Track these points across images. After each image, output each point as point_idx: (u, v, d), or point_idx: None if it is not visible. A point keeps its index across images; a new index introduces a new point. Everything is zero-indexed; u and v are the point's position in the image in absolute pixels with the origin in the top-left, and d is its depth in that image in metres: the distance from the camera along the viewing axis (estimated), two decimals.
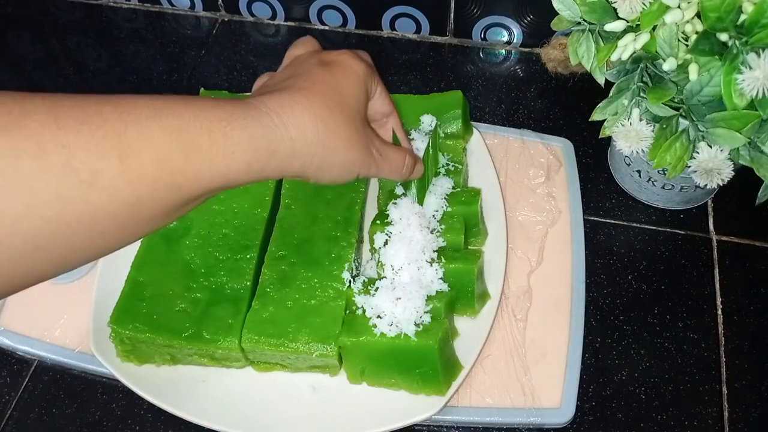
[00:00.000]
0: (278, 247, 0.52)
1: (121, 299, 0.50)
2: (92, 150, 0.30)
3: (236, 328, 0.48)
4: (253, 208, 0.54)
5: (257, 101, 0.37)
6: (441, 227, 0.52)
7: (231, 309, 0.49)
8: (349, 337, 0.47)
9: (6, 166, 0.28)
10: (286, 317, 0.48)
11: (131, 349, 0.50)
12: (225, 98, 0.39)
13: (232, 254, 0.52)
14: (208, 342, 0.48)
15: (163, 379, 0.50)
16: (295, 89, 0.39)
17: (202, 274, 0.51)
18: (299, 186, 0.55)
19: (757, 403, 0.50)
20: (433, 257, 0.50)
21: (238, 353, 0.48)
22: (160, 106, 0.33)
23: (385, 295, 0.48)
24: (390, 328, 0.46)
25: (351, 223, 0.53)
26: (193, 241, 0.52)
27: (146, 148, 0.31)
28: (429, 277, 0.49)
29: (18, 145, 0.28)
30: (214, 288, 0.50)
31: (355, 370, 0.49)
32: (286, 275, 0.50)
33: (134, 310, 0.49)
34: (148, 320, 0.48)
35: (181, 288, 0.50)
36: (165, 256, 0.52)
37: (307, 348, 0.47)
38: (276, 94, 0.38)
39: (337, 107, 0.40)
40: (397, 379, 0.48)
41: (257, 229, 0.53)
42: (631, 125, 0.48)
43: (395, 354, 0.47)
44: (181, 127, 0.33)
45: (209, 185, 0.34)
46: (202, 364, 0.50)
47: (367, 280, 0.50)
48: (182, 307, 0.49)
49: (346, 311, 0.48)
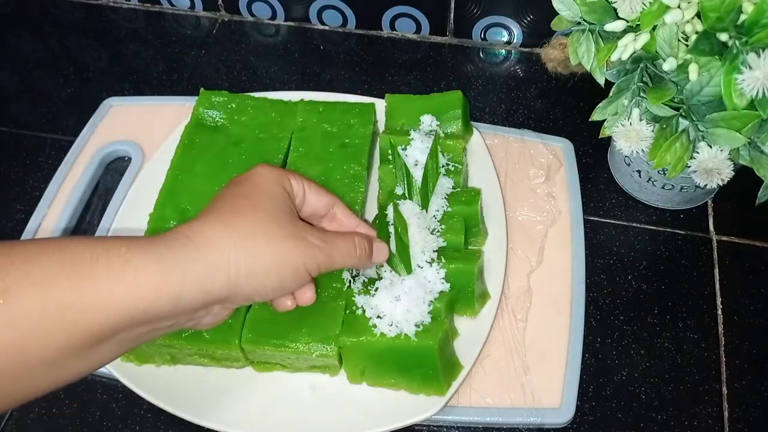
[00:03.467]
0: None
1: None
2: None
3: (236, 329, 0.48)
4: None
5: (164, 233, 0.35)
6: (441, 227, 0.52)
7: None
8: (349, 338, 0.47)
9: None
10: (286, 317, 0.47)
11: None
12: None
13: None
14: (209, 342, 0.48)
15: (163, 379, 0.50)
16: (201, 212, 0.38)
17: None
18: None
19: (757, 403, 0.50)
20: (433, 257, 0.50)
21: (238, 353, 0.48)
22: (54, 243, 0.31)
23: (385, 295, 0.47)
24: (390, 328, 0.46)
25: None
26: None
27: (31, 284, 0.29)
28: (429, 278, 0.49)
29: None
30: None
31: (355, 371, 0.48)
32: None
33: None
34: None
35: None
36: None
37: (307, 348, 0.47)
38: (184, 223, 0.37)
39: (248, 210, 0.38)
40: (397, 379, 0.48)
41: None
42: (631, 125, 0.48)
43: (395, 354, 0.46)
44: (74, 259, 0.31)
45: (115, 319, 0.31)
46: (202, 364, 0.50)
47: (367, 281, 0.50)
48: None
49: (346, 311, 0.48)
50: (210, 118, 0.59)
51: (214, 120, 0.59)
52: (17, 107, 0.71)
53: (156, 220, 0.54)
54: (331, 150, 0.57)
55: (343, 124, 0.59)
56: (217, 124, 0.59)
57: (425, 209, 0.52)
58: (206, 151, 0.57)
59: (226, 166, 0.56)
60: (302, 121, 0.59)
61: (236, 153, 0.57)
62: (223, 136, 0.58)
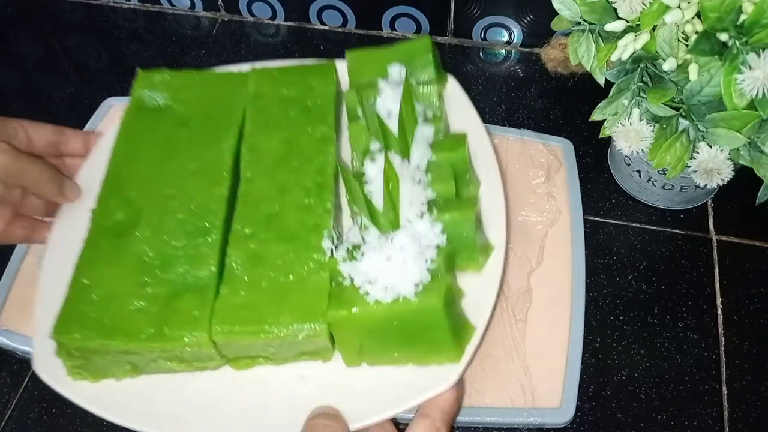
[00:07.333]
0: (243, 225, 0.46)
1: (64, 307, 0.44)
2: None
3: (204, 320, 0.42)
4: (210, 187, 0.48)
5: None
6: (428, 177, 0.47)
7: (196, 300, 0.43)
8: (338, 310, 0.41)
9: None
10: (261, 300, 0.42)
11: (83, 364, 0.44)
12: None
13: (190, 240, 0.46)
14: (173, 340, 0.42)
15: (127, 394, 0.44)
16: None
17: (157, 266, 0.45)
18: (260, 157, 0.50)
19: (757, 403, 0.50)
20: (423, 210, 0.45)
21: (210, 349, 0.42)
22: None
23: (374, 257, 0.42)
24: (385, 292, 0.41)
25: (324, 189, 0.47)
26: (143, 232, 0.47)
27: None
28: (422, 232, 0.43)
29: None
30: (172, 280, 0.44)
31: (351, 350, 0.43)
32: (256, 254, 0.45)
33: (80, 316, 0.43)
34: (98, 325, 0.42)
35: (134, 285, 0.44)
36: (112, 253, 0.46)
37: (291, 330, 0.41)
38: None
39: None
40: (401, 352, 0.42)
41: (216, 209, 0.47)
42: (631, 125, 0.48)
43: (396, 322, 0.41)
44: None
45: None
46: (171, 369, 0.44)
47: (351, 247, 0.44)
48: (138, 305, 0.43)
49: (331, 284, 0.43)
50: (152, 100, 0.54)
51: (156, 102, 0.54)
52: (17, 107, 0.71)
53: (100, 215, 0.48)
54: (291, 115, 0.52)
55: (302, 87, 0.53)
56: (161, 105, 0.54)
57: (407, 158, 0.47)
58: (150, 135, 0.52)
59: (175, 148, 0.51)
60: (256, 90, 0.54)
61: (185, 134, 0.52)
62: (169, 118, 0.53)
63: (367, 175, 0.47)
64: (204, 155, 0.51)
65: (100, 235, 0.47)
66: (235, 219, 0.47)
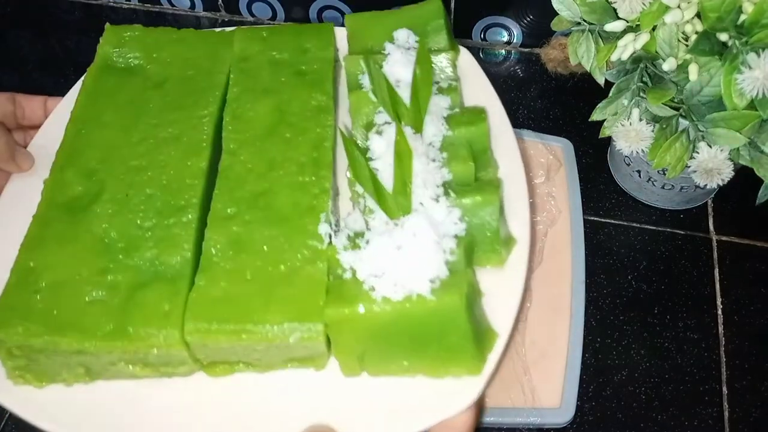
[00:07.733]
0: (225, 204, 0.40)
1: (4, 294, 0.37)
2: None
3: (175, 315, 0.36)
4: (186, 158, 0.42)
5: None
6: (443, 156, 0.40)
7: (166, 291, 0.37)
8: (338, 308, 0.35)
9: None
10: (245, 293, 0.36)
11: (25, 365, 0.37)
12: None
13: (161, 219, 0.39)
14: (137, 339, 0.35)
15: (78, 403, 0.37)
16: None
17: (120, 249, 0.38)
18: (246, 126, 0.44)
19: (757, 403, 0.50)
20: (438, 194, 0.38)
21: (181, 352, 0.36)
22: None
23: (381, 246, 0.36)
24: (395, 288, 0.34)
25: (322, 165, 0.41)
26: (105, 208, 0.40)
27: None
28: (438, 218, 0.37)
29: None
30: (139, 266, 0.38)
31: (350, 357, 0.36)
32: (239, 238, 0.38)
33: (24, 306, 0.36)
34: (46, 318, 0.36)
35: (91, 271, 0.38)
36: (67, 231, 0.39)
37: (281, 331, 0.35)
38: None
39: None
40: (411, 361, 0.36)
41: (194, 184, 0.41)
42: (631, 125, 0.48)
43: (406, 323, 0.35)
44: None
45: None
46: (133, 375, 0.37)
47: (353, 234, 0.38)
48: (95, 295, 0.37)
49: (329, 276, 0.37)
50: (120, 59, 0.48)
51: (126, 60, 0.48)
52: None
53: (54, 187, 0.42)
54: (283, 80, 0.46)
55: (295, 50, 0.47)
56: (131, 64, 0.48)
57: (420, 132, 0.41)
58: (117, 97, 0.46)
59: (145, 112, 0.45)
60: (242, 51, 0.48)
61: (158, 96, 0.46)
62: (140, 78, 0.47)
63: (372, 150, 0.41)
64: (180, 122, 0.44)
65: (52, 211, 0.40)
66: (216, 197, 0.41)
